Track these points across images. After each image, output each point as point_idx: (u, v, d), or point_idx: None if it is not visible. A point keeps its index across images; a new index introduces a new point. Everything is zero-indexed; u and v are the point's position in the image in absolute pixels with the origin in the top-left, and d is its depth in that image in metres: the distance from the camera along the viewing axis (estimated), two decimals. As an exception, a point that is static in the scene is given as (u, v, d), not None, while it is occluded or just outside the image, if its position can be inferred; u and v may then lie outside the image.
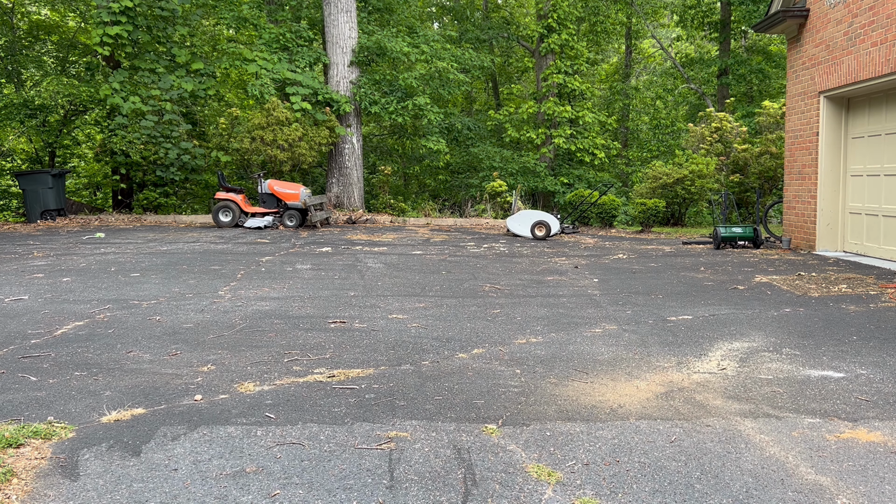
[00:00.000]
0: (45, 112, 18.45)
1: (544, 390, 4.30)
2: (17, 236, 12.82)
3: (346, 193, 17.77)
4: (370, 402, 4.05)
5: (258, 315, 6.37)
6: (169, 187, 18.28)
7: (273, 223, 14.37)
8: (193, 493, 2.94)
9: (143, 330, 5.77)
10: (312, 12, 19.44)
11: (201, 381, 4.43)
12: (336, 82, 17.47)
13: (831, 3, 10.25)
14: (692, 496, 2.95)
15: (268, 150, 15.53)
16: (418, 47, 18.04)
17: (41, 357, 4.94)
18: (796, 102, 11.38)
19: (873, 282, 8.07)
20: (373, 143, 23.91)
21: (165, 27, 16.70)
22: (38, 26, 20.57)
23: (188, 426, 3.63)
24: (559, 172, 21.84)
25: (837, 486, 3.05)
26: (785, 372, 4.70)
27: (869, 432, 3.64)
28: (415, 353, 5.12)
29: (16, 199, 20.80)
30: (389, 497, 2.91)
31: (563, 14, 21.16)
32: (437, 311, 6.61)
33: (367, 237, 13.05)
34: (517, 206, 15.98)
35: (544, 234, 13.20)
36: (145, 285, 7.80)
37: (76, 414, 3.82)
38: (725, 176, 16.54)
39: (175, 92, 16.17)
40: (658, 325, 6.11)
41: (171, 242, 11.77)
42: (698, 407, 4.02)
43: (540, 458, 3.31)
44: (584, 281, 8.50)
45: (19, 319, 6.11)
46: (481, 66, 20.66)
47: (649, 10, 26.18)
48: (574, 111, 21.18)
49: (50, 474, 3.10)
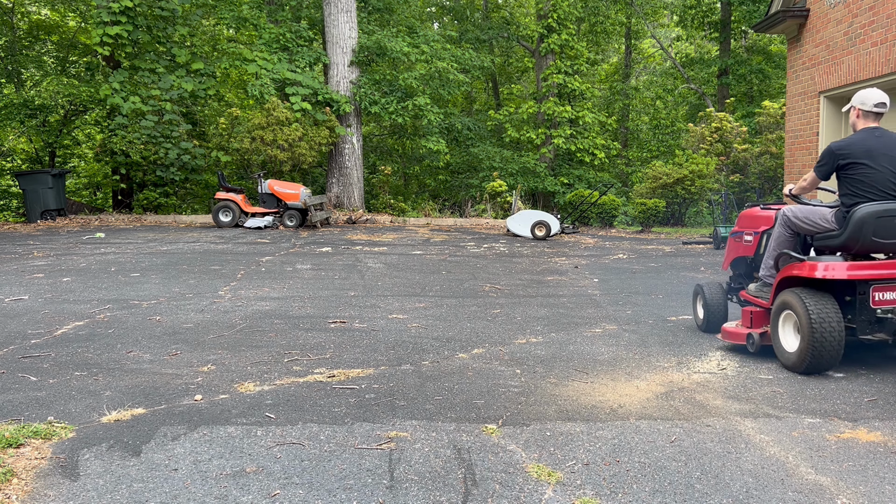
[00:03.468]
0: (45, 112, 18.45)
1: (544, 390, 4.30)
2: (17, 236, 12.82)
3: (346, 193, 17.77)
4: (370, 402, 4.05)
5: (258, 315, 6.37)
6: (169, 187, 18.27)
7: (273, 223, 14.37)
8: (193, 493, 2.94)
9: (143, 330, 5.77)
10: (312, 12, 19.44)
11: (201, 381, 4.43)
12: (336, 82, 17.47)
13: (831, 3, 10.25)
14: (692, 496, 2.95)
15: (268, 150, 15.53)
16: (418, 47, 18.03)
17: (41, 357, 4.94)
18: (796, 102, 11.38)
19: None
20: (373, 143, 23.90)
21: (165, 27, 16.70)
22: (38, 26, 20.57)
23: (188, 426, 3.63)
24: (559, 172, 21.85)
25: (837, 486, 3.05)
26: (785, 372, 4.70)
27: (869, 432, 3.64)
28: (415, 353, 5.12)
29: (16, 199, 20.80)
30: (389, 497, 2.91)
31: (563, 14, 21.15)
32: (437, 311, 6.61)
33: (367, 237, 13.05)
34: (517, 206, 15.98)
35: (544, 234, 13.20)
36: (145, 285, 7.80)
37: (76, 414, 3.82)
38: (725, 176, 16.54)
39: (175, 92, 16.17)
40: (658, 325, 6.11)
41: (171, 242, 11.77)
42: (698, 407, 4.02)
43: (540, 458, 3.31)
44: (584, 281, 8.50)
45: (19, 319, 6.11)
46: (481, 67, 20.65)
47: (649, 10, 26.17)
48: (574, 111, 21.18)
49: (50, 474, 3.09)
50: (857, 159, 4.63)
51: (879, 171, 4.60)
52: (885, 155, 4.62)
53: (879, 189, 4.61)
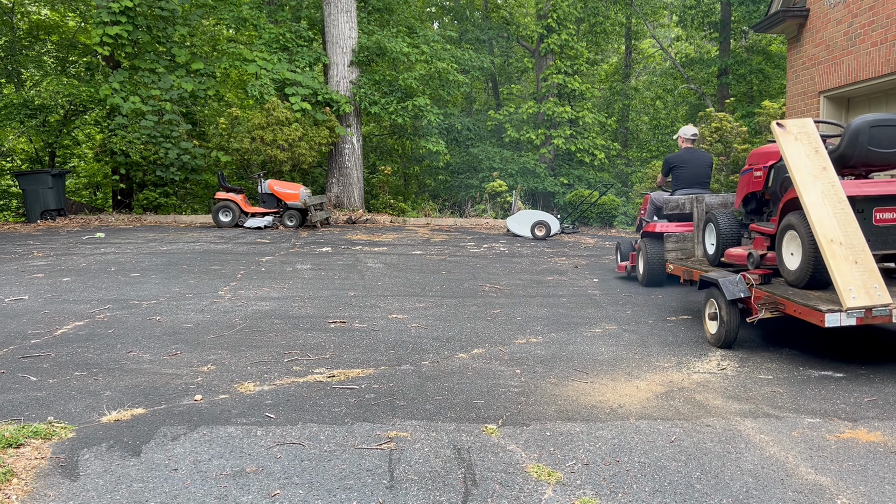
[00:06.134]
0: (45, 112, 18.44)
1: (544, 390, 4.30)
2: (17, 236, 12.81)
3: (346, 193, 17.77)
4: (370, 402, 4.05)
5: (258, 315, 6.37)
6: (169, 187, 18.27)
7: (273, 223, 14.36)
8: (193, 493, 2.94)
9: (143, 330, 5.77)
10: (312, 12, 19.44)
11: (201, 381, 4.42)
12: (336, 82, 17.47)
13: (831, 3, 10.25)
14: (692, 496, 2.95)
15: (268, 150, 15.53)
16: (418, 47, 18.03)
17: (41, 357, 4.94)
18: (796, 102, 11.38)
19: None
20: (373, 143, 23.89)
21: (165, 27, 16.70)
22: (38, 26, 20.56)
23: (188, 426, 3.63)
24: (559, 173, 21.84)
25: (837, 486, 3.05)
26: (785, 372, 4.70)
27: (869, 432, 3.64)
28: (415, 353, 5.12)
29: (16, 199, 20.79)
30: (389, 497, 2.91)
31: (563, 14, 21.14)
32: (437, 311, 6.61)
33: (367, 237, 13.05)
34: (517, 206, 15.98)
35: (544, 234, 13.20)
36: (145, 285, 7.79)
37: (76, 414, 3.82)
38: (725, 176, 16.53)
39: (175, 92, 16.17)
40: (658, 325, 6.11)
41: (171, 242, 11.77)
42: (698, 407, 4.02)
43: (540, 458, 3.31)
44: (584, 281, 8.50)
45: (19, 319, 6.11)
46: (481, 67, 20.64)
47: (649, 10, 26.15)
48: (574, 111, 21.17)
49: (50, 474, 3.09)
50: (680, 164, 8.16)
51: (691, 171, 8.11)
52: (693, 163, 8.16)
53: (691, 182, 8.10)
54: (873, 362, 4.93)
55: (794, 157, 5.03)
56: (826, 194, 4.79)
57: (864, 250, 4.61)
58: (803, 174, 4.92)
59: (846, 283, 4.45)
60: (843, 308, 4.38)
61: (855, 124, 4.93)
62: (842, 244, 4.60)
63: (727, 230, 6.17)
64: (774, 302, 4.92)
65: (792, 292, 4.94)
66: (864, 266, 4.54)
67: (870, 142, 4.88)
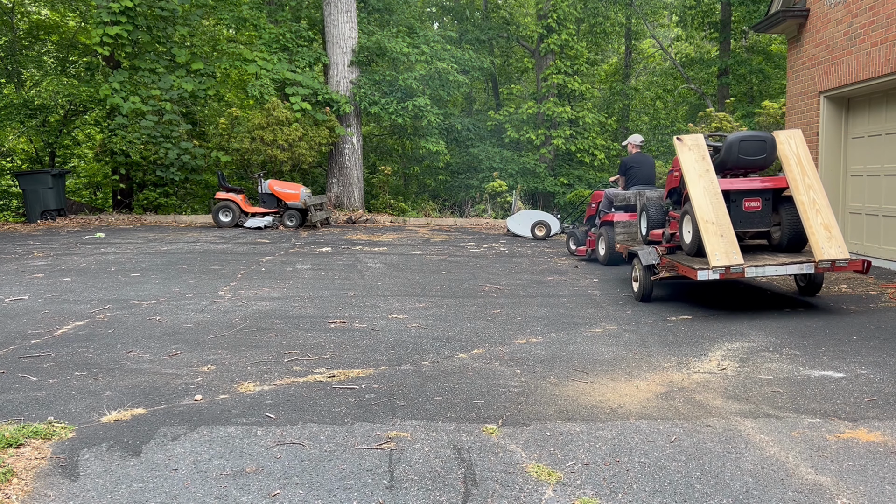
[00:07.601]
0: (45, 112, 18.43)
1: (544, 390, 4.30)
2: (17, 236, 12.81)
3: (346, 193, 17.77)
4: (370, 402, 4.05)
5: (258, 315, 6.37)
6: (169, 187, 18.27)
7: (273, 223, 14.37)
8: (193, 493, 2.94)
9: (143, 330, 5.77)
10: (312, 12, 19.44)
11: (201, 381, 4.42)
12: (336, 82, 17.47)
13: (831, 3, 10.25)
14: (692, 496, 2.95)
15: (268, 150, 15.53)
16: (418, 48, 18.03)
17: (41, 357, 4.94)
18: (796, 102, 11.38)
19: (873, 282, 8.07)
20: (373, 143, 23.88)
21: (165, 27, 16.69)
22: (38, 26, 20.55)
23: (188, 426, 3.63)
24: (559, 173, 21.84)
25: (837, 486, 3.05)
26: (785, 372, 4.70)
27: (869, 432, 3.64)
28: (415, 353, 5.12)
29: (16, 199, 20.79)
30: (389, 497, 2.91)
31: (563, 14, 21.15)
32: (437, 311, 6.61)
33: (367, 237, 13.05)
34: (517, 207, 15.98)
35: (544, 234, 13.20)
36: (145, 285, 7.80)
37: (76, 414, 3.82)
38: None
39: (175, 92, 16.17)
40: (658, 325, 6.11)
41: (171, 242, 11.77)
42: (698, 407, 4.02)
43: (540, 458, 3.31)
44: (584, 281, 8.50)
45: (19, 319, 6.11)
46: (481, 67, 20.65)
47: (649, 10, 26.14)
48: (574, 111, 21.18)
49: (50, 474, 3.09)
50: (634, 165, 9.94)
51: (641, 171, 9.93)
52: (644, 164, 9.98)
53: (642, 180, 9.94)
54: (874, 362, 4.93)
55: (687, 163, 6.82)
56: (706, 189, 6.59)
57: (728, 228, 6.37)
58: (692, 175, 6.72)
59: (713, 249, 6.26)
60: (710, 266, 6.16)
61: (730, 139, 6.76)
62: (713, 223, 6.39)
63: (654, 216, 7.88)
64: (672, 265, 6.76)
65: (685, 259, 6.70)
66: (727, 239, 6.32)
67: (740, 151, 6.74)
